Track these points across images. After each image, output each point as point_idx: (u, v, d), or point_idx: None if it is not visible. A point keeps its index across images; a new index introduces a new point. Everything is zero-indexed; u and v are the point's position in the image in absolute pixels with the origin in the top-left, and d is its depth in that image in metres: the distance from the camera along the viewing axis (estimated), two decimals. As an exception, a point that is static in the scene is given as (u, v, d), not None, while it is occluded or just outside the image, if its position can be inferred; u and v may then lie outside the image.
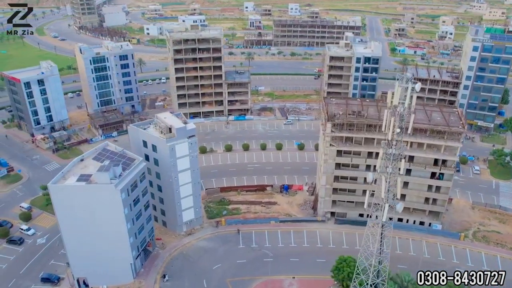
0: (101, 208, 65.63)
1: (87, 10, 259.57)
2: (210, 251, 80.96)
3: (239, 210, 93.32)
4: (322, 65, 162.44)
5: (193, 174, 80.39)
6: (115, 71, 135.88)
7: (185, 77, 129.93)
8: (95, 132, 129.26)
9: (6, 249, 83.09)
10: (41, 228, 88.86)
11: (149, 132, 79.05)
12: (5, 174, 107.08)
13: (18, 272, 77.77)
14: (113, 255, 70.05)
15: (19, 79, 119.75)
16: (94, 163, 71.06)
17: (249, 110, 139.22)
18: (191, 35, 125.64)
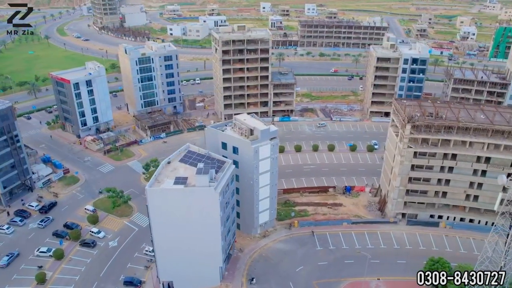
0: (198, 211, 65.09)
1: (109, 10, 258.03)
2: (289, 253, 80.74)
3: (307, 212, 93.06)
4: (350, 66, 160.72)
5: (272, 176, 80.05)
6: (159, 72, 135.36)
7: (232, 78, 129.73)
8: (141, 133, 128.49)
9: (81, 251, 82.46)
10: (109, 230, 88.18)
11: (228, 133, 78.86)
12: (61, 176, 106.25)
13: (98, 275, 77.17)
14: (203, 259, 69.49)
15: (68, 80, 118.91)
16: (182, 166, 70.53)
17: (292, 111, 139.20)
18: (240, 36, 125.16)
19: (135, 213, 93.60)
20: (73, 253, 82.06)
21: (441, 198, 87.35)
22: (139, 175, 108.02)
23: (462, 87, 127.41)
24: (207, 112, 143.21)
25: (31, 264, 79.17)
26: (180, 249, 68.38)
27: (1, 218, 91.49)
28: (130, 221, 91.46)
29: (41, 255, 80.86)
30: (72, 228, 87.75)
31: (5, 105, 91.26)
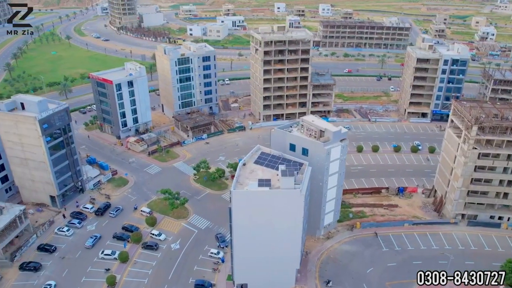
0: (281, 213, 64.78)
1: (127, 10, 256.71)
2: (356, 254, 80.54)
3: (365, 213, 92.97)
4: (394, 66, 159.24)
5: (339, 177, 79.86)
6: (197, 72, 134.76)
7: (272, 78, 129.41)
8: (181, 134, 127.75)
9: (144, 254, 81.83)
10: (169, 233, 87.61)
11: (296, 135, 78.49)
12: (110, 177, 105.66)
13: (166, 278, 76.59)
14: (280, 261, 69.14)
15: (111, 80, 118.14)
16: (259, 167, 70.19)
17: (329, 112, 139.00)
18: (281, 36, 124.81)
19: (192, 215, 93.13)
20: (137, 256, 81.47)
21: (502, 199, 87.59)
22: (188, 177, 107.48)
23: (502, 88, 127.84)
24: (243, 113, 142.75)
25: (97, 266, 78.57)
26: (259, 251, 68.04)
27: (58, 220, 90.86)
28: (187, 223, 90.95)
29: (106, 257, 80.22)
30: (132, 231, 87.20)
31: (62, 106, 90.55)
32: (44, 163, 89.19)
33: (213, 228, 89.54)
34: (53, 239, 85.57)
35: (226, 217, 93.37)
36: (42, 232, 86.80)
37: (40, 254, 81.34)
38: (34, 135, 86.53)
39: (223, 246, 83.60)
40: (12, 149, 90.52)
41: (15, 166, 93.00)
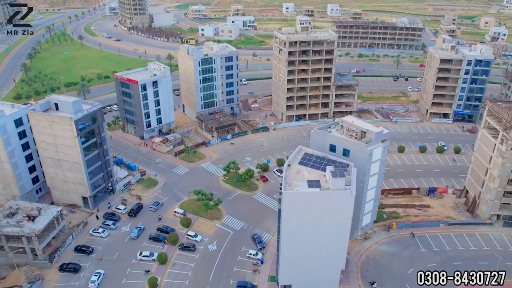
0: (331, 214, 64.44)
1: (139, 10, 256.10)
2: (395, 255, 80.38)
3: (398, 214, 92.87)
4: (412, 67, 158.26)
5: (379, 178, 79.77)
6: (219, 73, 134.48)
7: (296, 79, 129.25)
8: (205, 134, 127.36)
9: (182, 256, 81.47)
10: (205, 234, 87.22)
11: (337, 136, 78.28)
12: (139, 178, 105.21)
13: (206, 279, 76.24)
14: (326, 261, 68.97)
15: (136, 81, 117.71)
16: (304, 168, 69.83)
17: (351, 112, 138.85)
18: (305, 37, 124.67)
19: (225, 216, 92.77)
20: (175, 257, 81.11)
21: None
22: (217, 177, 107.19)
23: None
24: (264, 113, 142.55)
25: (136, 268, 78.12)
26: (305, 252, 67.73)
27: (91, 221, 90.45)
28: (222, 224, 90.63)
29: (144, 259, 79.84)
30: (167, 232, 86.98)
31: (96, 106, 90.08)
32: (78, 164, 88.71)
33: (248, 229, 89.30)
34: (88, 240, 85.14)
35: (260, 218, 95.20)
36: (77, 234, 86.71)
37: (77, 256, 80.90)
38: (69, 136, 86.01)
39: (260, 247, 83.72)
40: (46, 149, 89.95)
41: (47, 167, 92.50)
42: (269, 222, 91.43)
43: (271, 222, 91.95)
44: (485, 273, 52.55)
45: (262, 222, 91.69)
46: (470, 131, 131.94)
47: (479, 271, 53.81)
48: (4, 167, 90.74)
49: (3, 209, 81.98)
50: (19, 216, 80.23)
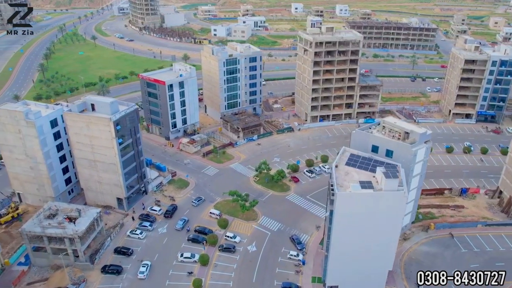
0: (382, 215, 64.33)
1: (150, 11, 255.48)
2: (437, 255, 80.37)
3: (433, 214, 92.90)
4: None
5: (420, 179, 79.77)
6: (243, 73, 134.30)
7: (321, 79, 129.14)
8: (230, 135, 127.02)
9: (223, 257, 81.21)
10: (243, 235, 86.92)
11: (379, 136, 78.19)
12: (170, 179, 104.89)
13: (250, 281, 76.02)
14: (375, 262, 68.86)
15: (164, 81, 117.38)
16: (352, 169, 69.63)
17: (374, 113, 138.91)
18: (331, 37, 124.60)
19: (261, 217, 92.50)
20: (216, 259, 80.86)
21: None
22: (247, 178, 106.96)
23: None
24: (287, 114, 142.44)
25: (178, 269, 77.80)
26: (354, 253, 67.67)
27: (127, 223, 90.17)
28: (258, 225, 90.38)
29: (185, 260, 79.60)
30: (205, 233, 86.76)
31: (133, 107, 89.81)
32: (114, 165, 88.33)
33: (284, 230, 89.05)
34: (126, 242, 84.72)
35: (295, 219, 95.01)
36: (115, 235, 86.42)
37: (117, 257, 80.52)
38: (107, 137, 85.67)
39: (300, 248, 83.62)
40: (81, 150, 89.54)
41: (82, 168, 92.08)
42: (305, 223, 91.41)
43: (308, 223, 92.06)
44: (485, 273, 52.16)
45: (298, 223, 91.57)
46: (495, 131, 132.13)
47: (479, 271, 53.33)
48: (39, 168, 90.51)
49: (43, 210, 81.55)
50: (59, 217, 79.90)
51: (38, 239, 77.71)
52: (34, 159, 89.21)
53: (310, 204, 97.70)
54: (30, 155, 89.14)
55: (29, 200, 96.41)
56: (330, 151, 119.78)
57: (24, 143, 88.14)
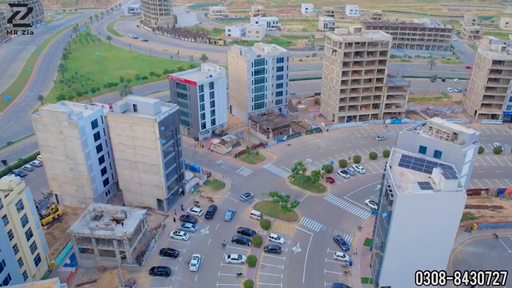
0: (440, 215, 64.25)
1: (164, 11, 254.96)
2: (484, 256, 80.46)
3: (472, 214, 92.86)
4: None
5: (466, 179, 79.68)
6: (270, 74, 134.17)
7: (349, 80, 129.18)
8: (259, 135, 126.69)
9: (269, 258, 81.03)
10: (286, 236, 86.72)
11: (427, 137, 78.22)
12: (206, 180, 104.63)
13: (299, 281, 75.91)
14: (429, 263, 67.86)
15: (195, 81, 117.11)
16: (407, 170, 69.58)
17: (400, 113, 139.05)
18: (361, 38, 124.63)
19: (302, 218, 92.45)
20: (262, 260, 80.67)
21: None
22: (282, 179, 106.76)
23: None
24: (312, 114, 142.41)
25: (226, 271, 77.65)
26: (410, 254, 67.66)
27: (168, 224, 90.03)
28: (300, 225, 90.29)
29: (233, 261, 79.40)
30: (249, 234, 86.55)
31: (175, 108, 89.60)
32: (156, 166, 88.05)
33: (327, 230, 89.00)
34: (170, 243, 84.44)
35: (336, 219, 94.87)
36: (158, 237, 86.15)
37: (164, 259, 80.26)
38: (151, 138, 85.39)
39: (345, 249, 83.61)
40: (122, 151, 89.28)
41: (122, 169, 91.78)
42: (346, 224, 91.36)
43: (349, 224, 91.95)
44: (486, 273, 51.38)
45: (340, 224, 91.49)
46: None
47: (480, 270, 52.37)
48: (79, 169, 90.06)
49: (87, 211, 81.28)
50: (105, 219, 79.76)
51: (86, 241, 77.45)
52: (74, 160, 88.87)
53: (348, 204, 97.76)
54: (70, 156, 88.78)
55: (67, 201, 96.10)
56: (360, 152, 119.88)
57: (65, 144, 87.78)
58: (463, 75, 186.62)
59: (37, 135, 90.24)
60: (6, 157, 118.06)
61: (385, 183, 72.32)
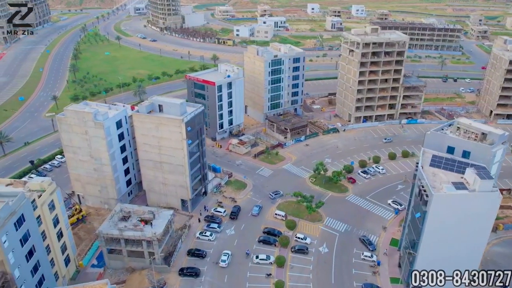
0: (474, 215, 64.22)
1: (172, 11, 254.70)
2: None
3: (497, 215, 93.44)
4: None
5: (495, 180, 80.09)
6: (287, 74, 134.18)
7: (366, 80, 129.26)
8: (276, 136, 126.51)
9: (296, 258, 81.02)
10: (312, 236, 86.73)
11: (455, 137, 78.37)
12: (227, 180, 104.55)
13: (329, 282, 75.90)
14: (461, 262, 67.56)
15: (214, 82, 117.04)
16: (438, 171, 69.57)
17: (416, 113, 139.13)
18: (379, 38, 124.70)
19: (326, 218, 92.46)
20: (290, 260, 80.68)
21: None
22: (303, 179, 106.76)
23: None
24: (327, 114, 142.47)
25: (255, 271, 77.62)
26: (443, 254, 67.63)
27: (193, 224, 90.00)
28: (324, 226, 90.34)
29: (261, 262, 79.37)
30: (275, 234, 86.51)
31: (200, 109, 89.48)
32: (182, 166, 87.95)
33: (351, 230, 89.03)
34: (197, 243, 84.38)
35: (360, 220, 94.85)
36: (185, 237, 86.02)
37: (192, 260, 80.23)
38: (177, 138, 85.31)
39: (371, 249, 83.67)
40: (147, 152, 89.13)
41: (146, 170, 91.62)
42: (371, 224, 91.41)
43: (373, 224, 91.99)
44: (488, 272, 50.76)
45: (364, 224, 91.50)
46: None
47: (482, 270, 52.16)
48: (104, 169, 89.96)
49: (114, 212, 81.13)
50: (133, 219, 79.71)
51: (115, 242, 77.42)
52: (99, 161, 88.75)
53: (371, 205, 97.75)
54: (95, 157, 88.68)
55: (90, 202, 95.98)
56: (379, 152, 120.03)
57: (89, 145, 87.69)
58: (474, 75, 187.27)
59: (61, 135, 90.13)
60: (24, 158, 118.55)
61: (416, 183, 72.66)
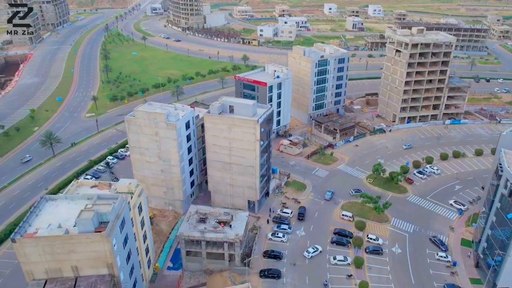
0: None
1: (195, 11, 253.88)
2: None
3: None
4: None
5: None
6: (331, 75, 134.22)
7: (413, 81, 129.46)
8: (323, 136, 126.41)
9: (372, 259, 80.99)
10: (382, 237, 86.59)
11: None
12: (286, 181, 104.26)
13: (409, 282, 75.76)
14: None
15: (265, 82, 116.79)
16: (526, 172, 70.46)
17: (458, 114, 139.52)
18: (427, 39, 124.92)
19: (392, 219, 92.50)
20: (366, 261, 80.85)
21: None
22: (360, 180, 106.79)
23: None
24: (369, 115, 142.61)
25: (334, 272, 77.53)
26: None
27: (263, 225, 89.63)
28: (392, 226, 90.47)
29: (339, 263, 79.52)
30: (345, 235, 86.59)
31: (270, 109, 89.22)
32: (252, 168, 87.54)
33: (420, 231, 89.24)
34: (269, 245, 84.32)
35: (426, 220, 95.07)
36: (257, 239, 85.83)
37: (269, 261, 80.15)
38: (250, 139, 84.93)
39: (444, 249, 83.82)
40: (216, 153, 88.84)
41: (214, 171, 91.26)
42: (437, 224, 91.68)
43: (439, 224, 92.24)
44: None
45: (430, 224, 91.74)
46: None
47: None
48: (172, 171, 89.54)
49: (190, 214, 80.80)
50: (211, 221, 79.48)
51: (194, 244, 77.25)
52: (167, 162, 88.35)
53: (433, 205, 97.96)
54: (163, 158, 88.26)
55: (153, 203, 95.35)
56: (429, 152, 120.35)
57: (159, 146, 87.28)
58: (505, 76, 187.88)
59: (129, 136, 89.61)
60: (73, 158, 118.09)
61: (502, 184, 72.87)
